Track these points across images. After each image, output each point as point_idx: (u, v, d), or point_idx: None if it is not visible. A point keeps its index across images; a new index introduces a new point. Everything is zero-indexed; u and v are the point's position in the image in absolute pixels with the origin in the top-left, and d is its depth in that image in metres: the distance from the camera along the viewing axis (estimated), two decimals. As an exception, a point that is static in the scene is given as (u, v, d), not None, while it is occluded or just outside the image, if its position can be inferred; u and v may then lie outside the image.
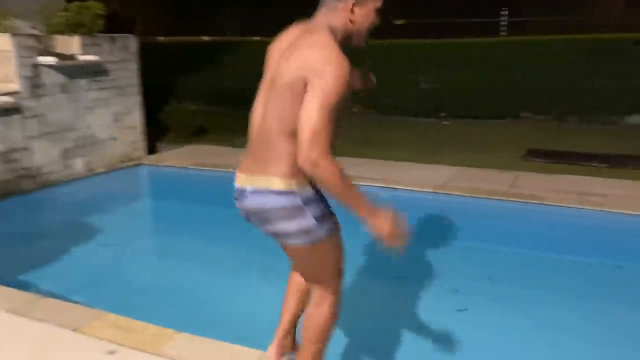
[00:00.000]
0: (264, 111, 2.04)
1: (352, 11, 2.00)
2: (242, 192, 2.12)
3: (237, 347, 2.94)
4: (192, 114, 9.82)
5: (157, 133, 9.30)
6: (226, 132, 9.97)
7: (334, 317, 2.29)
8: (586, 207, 5.43)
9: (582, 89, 10.29)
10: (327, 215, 2.12)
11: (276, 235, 2.13)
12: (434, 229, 5.08)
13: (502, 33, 13.66)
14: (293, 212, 2.01)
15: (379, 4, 2.04)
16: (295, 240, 2.08)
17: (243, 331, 3.31)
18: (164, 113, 9.69)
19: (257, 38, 13.58)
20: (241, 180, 2.14)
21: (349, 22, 2.01)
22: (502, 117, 10.96)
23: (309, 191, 2.05)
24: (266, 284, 4.00)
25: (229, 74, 13.01)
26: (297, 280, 2.51)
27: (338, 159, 1.97)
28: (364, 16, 2.03)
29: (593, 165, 7.22)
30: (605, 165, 7.21)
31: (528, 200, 5.64)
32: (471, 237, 4.92)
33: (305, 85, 1.87)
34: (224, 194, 6.52)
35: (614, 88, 10.06)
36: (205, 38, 14.23)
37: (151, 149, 8.53)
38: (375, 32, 2.15)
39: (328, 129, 1.86)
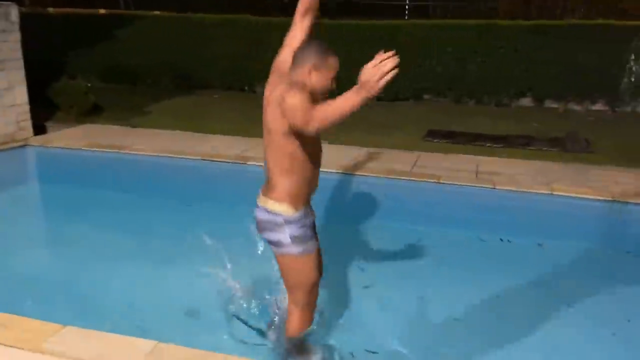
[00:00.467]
0: (266, 153, 2.65)
1: (310, 75, 2.49)
2: (256, 207, 2.69)
3: (129, 339, 2.75)
4: (85, 91, 9.12)
5: (47, 112, 8.59)
6: (123, 110, 9.42)
7: (301, 328, 2.78)
8: (481, 185, 5.68)
9: (477, 73, 10.78)
10: (303, 238, 2.62)
11: (267, 240, 2.69)
12: (339, 210, 5.10)
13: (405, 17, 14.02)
14: (275, 227, 2.60)
15: (333, 73, 2.53)
16: (274, 248, 2.66)
17: (138, 322, 3.12)
18: (54, 90, 8.92)
19: (156, 12, 12.95)
20: (257, 198, 2.70)
21: (308, 82, 2.49)
22: (405, 99, 11.27)
23: (292, 215, 2.59)
24: (163, 272, 3.81)
25: (125, 49, 12.29)
26: None
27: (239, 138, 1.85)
28: (319, 81, 2.51)
29: (487, 145, 7.61)
30: (498, 145, 7.63)
31: (428, 180, 5.81)
32: (375, 216, 5.00)
33: (285, 120, 2.41)
34: (119, 177, 6.29)
35: (506, 72, 10.64)
36: (101, 10, 13.29)
37: (41, 129, 7.85)
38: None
39: (308, 110, 2.29)
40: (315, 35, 2.82)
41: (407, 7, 15.54)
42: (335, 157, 6.73)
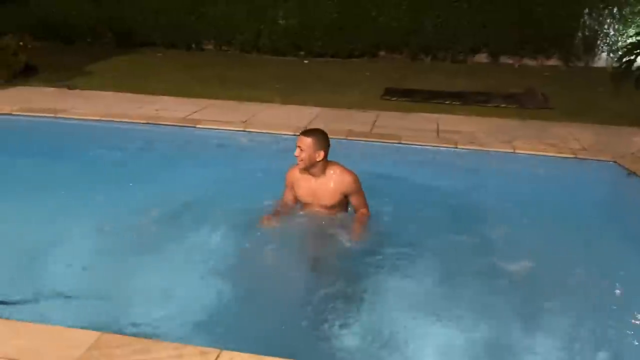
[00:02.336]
0: None
1: None
2: None
3: (68, 331, 2.43)
4: (15, 50, 8.32)
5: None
6: (60, 71, 8.69)
7: None
8: (443, 145, 5.50)
9: (432, 29, 10.52)
10: None
11: None
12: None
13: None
14: None
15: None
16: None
17: (79, 311, 2.79)
18: (-21, 49, 8.11)
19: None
20: None
21: None
22: (360, 56, 10.94)
23: None
24: (107, 249, 3.45)
25: (61, 4, 11.35)
26: None
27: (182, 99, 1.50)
28: None
29: (446, 103, 7.43)
30: (457, 102, 7.47)
31: (389, 141, 5.57)
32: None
33: None
34: (55, 144, 5.73)
35: (462, 28, 10.43)
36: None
37: (-36, 93, 7.14)
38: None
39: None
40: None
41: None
42: (289, 118, 6.41)
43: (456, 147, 5.45)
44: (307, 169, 3.40)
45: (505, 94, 7.89)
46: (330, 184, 3.41)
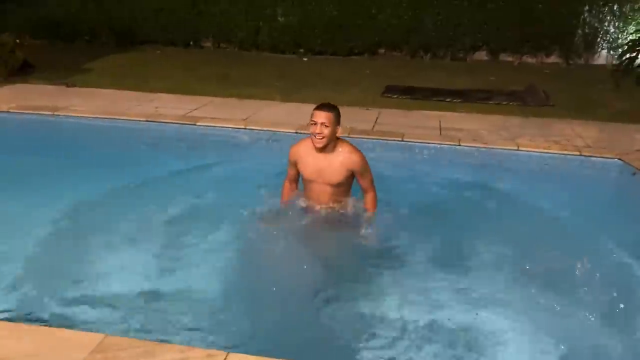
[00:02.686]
0: None
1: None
2: None
3: (70, 334, 2.38)
4: (12, 48, 8.24)
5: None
6: (59, 69, 8.63)
7: None
8: (446, 143, 5.44)
9: (433, 26, 10.47)
10: None
11: None
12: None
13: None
14: None
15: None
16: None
17: (81, 314, 2.73)
18: (-24, 47, 8.03)
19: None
20: None
21: None
22: (360, 54, 10.89)
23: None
24: (108, 252, 3.39)
25: (60, 3, 11.27)
26: None
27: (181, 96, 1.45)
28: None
29: (447, 100, 7.38)
30: (458, 100, 7.42)
31: (391, 138, 5.52)
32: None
33: None
34: (54, 142, 5.65)
35: (462, 26, 10.38)
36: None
37: (-39, 90, 7.07)
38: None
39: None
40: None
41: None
42: (290, 116, 6.35)
43: (459, 145, 5.40)
44: (325, 146, 3.20)
45: (507, 92, 7.84)
46: (338, 160, 3.25)
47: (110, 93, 7.29)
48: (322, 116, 3.13)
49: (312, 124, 3.16)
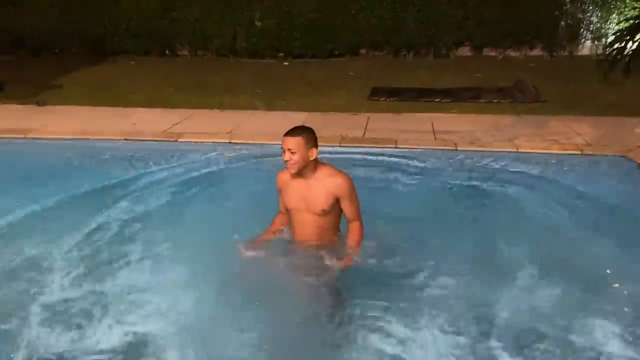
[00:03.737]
0: None
1: None
2: None
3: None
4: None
5: None
6: (27, 85, 8.20)
7: None
8: (442, 148, 5.22)
9: (414, 24, 10.25)
10: None
11: None
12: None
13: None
14: None
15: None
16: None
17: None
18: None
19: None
20: None
21: None
22: (341, 55, 10.64)
23: None
24: (92, 280, 3.09)
25: (26, 14, 10.78)
26: None
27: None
28: None
29: (436, 101, 7.17)
30: (447, 99, 7.21)
31: (384, 146, 5.27)
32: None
33: None
34: (26, 168, 5.24)
35: (444, 22, 10.20)
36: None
37: None
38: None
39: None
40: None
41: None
42: (276, 126, 6.02)
43: (456, 149, 5.18)
44: (300, 172, 2.99)
45: (495, 89, 7.66)
46: (320, 185, 2.99)
47: (84, 110, 6.91)
48: (288, 142, 2.94)
49: (282, 151, 2.97)
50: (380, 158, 5.12)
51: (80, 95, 7.67)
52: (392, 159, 5.09)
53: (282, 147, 2.95)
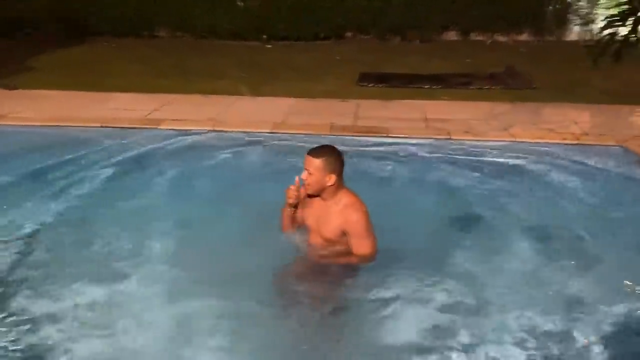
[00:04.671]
0: None
1: None
2: None
3: None
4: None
5: None
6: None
7: None
8: (434, 137, 5.02)
9: (401, 7, 10.01)
10: None
11: None
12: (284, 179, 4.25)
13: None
14: None
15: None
16: None
17: None
18: None
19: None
20: None
21: None
22: (326, 38, 10.35)
23: None
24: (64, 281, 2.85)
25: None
26: None
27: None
28: None
29: (426, 87, 6.97)
30: (438, 86, 7.01)
31: (376, 135, 5.06)
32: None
33: None
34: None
35: (431, 5, 9.96)
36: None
37: None
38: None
39: None
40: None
41: None
42: (263, 113, 5.82)
43: (450, 138, 4.99)
44: (315, 194, 2.82)
45: (487, 75, 7.48)
46: (334, 215, 2.78)
47: (59, 95, 6.54)
48: (307, 161, 2.76)
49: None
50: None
51: (53, 78, 7.27)
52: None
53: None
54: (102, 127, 5.33)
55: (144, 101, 6.25)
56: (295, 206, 2.92)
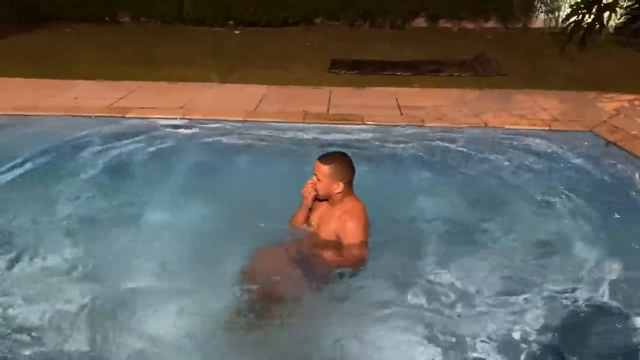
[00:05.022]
0: None
1: None
2: None
3: None
4: None
5: None
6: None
7: None
8: (409, 124, 5.00)
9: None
10: None
11: None
12: (261, 168, 4.16)
13: None
14: None
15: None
16: None
17: None
18: None
19: None
20: None
21: None
22: (295, 24, 10.21)
23: None
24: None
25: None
26: None
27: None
28: None
29: (398, 74, 6.94)
30: (409, 73, 7.00)
31: (350, 122, 5.00)
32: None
33: None
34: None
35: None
36: None
37: None
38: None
39: None
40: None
41: None
42: (233, 101, 5.69)
43: (423, 125, 4.97)
44: (323, 198, 2.84)
45: (457, 62, 7.51)
46: (334, 218, 2.78)
47: (17, 83, 6.25)
48: (315, 166, 2.79)
49: None
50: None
51: (11, 66, 6.94)
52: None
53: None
54: (65, 115, 5.11)
55: (109, 89, 6.03)
56: (310, 208, 2.91)
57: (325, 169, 2.72)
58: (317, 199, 2.85)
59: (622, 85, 6.19)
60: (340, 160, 2.77)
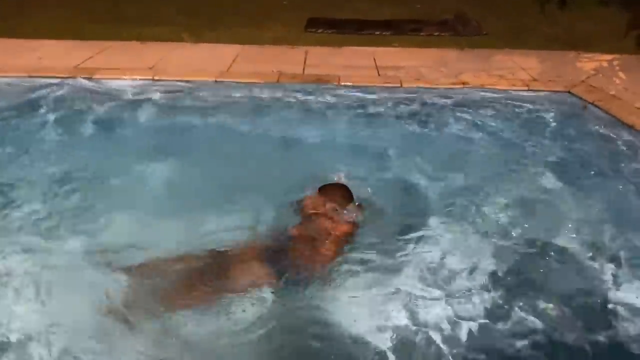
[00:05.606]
0: None
1: None
2: None
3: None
4: None
5: None
6: None
7: None
8: (387, 84, 4.89)
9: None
10: None
11: None
12: (234, 129, 4.06)
13: None
14: None
15: None
16: None
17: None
18: None
19: None
20: None
21: None
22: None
23: None
24: None
25: None
26: None
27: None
28: None
29: (377, 34, 6.77)
30: (388, 32, 6.83)
31: (326, 83, 4.87)
32: (275, 133, 4.04)
33: None
34: None
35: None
36: None
37: None
38: None
39: None
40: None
41: None
42: (207, 61, 5.49)
43: (401, 86, 4.87)
44: None
45: (437, 21, 7.33)
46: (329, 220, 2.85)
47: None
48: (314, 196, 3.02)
49: None
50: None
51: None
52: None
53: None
54: (29, 77, 4.88)
55: (75, 49, 5.78)
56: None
57: (321, 200, 2.90)
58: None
59: (602, 45, 6.13)
60: (338, 192, 3.00)
